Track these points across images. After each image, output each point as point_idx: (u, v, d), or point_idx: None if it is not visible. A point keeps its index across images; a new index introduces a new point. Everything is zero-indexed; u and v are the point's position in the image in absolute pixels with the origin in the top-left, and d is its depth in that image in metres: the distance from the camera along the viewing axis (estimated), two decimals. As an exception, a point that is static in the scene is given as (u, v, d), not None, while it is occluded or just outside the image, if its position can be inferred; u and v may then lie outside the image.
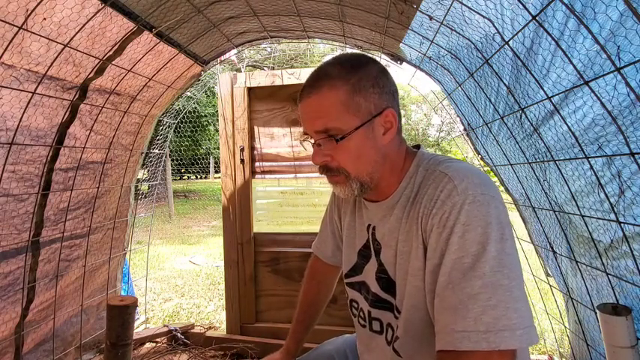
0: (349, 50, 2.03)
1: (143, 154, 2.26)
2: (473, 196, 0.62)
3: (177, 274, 4.27)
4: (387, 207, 0.77)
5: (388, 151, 0.74)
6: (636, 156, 0.87)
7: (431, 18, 1.27)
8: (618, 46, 0.78)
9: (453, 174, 0.67)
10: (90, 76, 1.53)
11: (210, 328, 2.51)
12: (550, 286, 1.72)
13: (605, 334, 1.09)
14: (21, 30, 1.15)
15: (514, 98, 1.25)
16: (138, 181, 2.41)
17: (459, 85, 1.58)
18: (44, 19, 1.18)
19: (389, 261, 0.76)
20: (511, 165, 1.56)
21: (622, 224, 1.01)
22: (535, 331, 0.57)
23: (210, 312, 3.02)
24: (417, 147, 0.82)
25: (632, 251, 1.01)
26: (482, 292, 0.57)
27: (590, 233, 1.19)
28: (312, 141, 0.75)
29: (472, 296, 0.57)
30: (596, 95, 0.90)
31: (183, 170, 15.20)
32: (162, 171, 2.83)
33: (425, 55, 1.60)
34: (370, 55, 0.80)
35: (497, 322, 0.55)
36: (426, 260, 0.67)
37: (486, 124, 1.57)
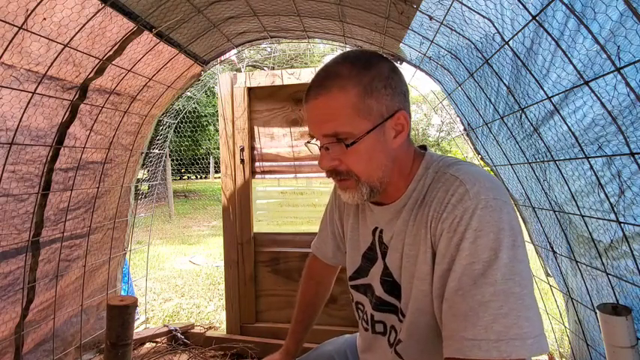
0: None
1: (143, 154, 2.26)
2: (485, 201, 0.61)
3: (177, 274, 4.26)
4: (395, 210, 0.75)
5: (398, 154, 0.72)
6: (636, 156, 0.87)
7: (431, 18, 1.27)
8: (618, 46, 0.78)
9: (465, 177, 0.65)
10: (90, 76, 1.53)
11: (210, 328, 2.51)
12: (550, 286, 1.72)
13: (605, 334, 1.09)
14: (21, 30, 1.15)
15: (514, 98, 1.25)
16: (138, 181, 2.41)
17: (459, 85, 1.58)
18: (44, 19, 1.18)
19: (394, 264, 0.75)
20: (511, 165, 1.56)
21: (622, 224, 1.01)
22: (545, 340, 0.56)
23: (210, 312, 3.02)
24: (423, 147, 0.80)
25: (632, 251, 1.01)
26: (493, 299, 0.56)
27: (590, 233, 1.19)
28: (319, 144, 0.72)
29: (483, 304, 0.56)
30: (596, 95, 0.90)
31: (183, 170, 15.20)
32: (162, 171, 2.83)
33: (425, 55, 1.60)
34: (380, 53, 0.77)
35: (508, 330, 0.54)
36: (434, 265, 0.66)
37: (486, 124, 1.57)
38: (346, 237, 0.93)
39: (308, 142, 0.77)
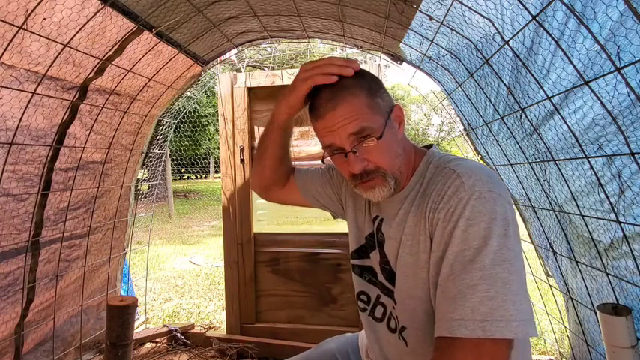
0: (349, 50, 2.03)
1: (143, 154, 2.26)
2: (479, 193, 0.64)
3: (177, 274, 4.26)
4: (397, 201, 0.79)
5: (404, 144, 0.78)
6: (636, 156, 0.87)
7: (431, 18, 1.27)
8: (618, 46, 0.78)
9: (462, 171, 0.69)
10: (90, 76, 1.53)
11: (210, 328, 2.51)
12: (550, 286, 1.72)
13: (605, 334, 1.09)
14: (21, 30, 1.15)
15: (514, 98, 1.25)
16: (138, 181, 2.41)
17: (459, 85, 1.58)
18: (44, 19, 1.18)
19: (391, 253, 0.79)
20: (511, 165, 1.56)
21: (622, 224, 1.01)
22: (533, 325, 0.58)
23: (210, 312, 3.02)
24: (430, 147, 0.84)
25: (632, 251, 1.01)
26: (481, 283, 0.59)
27: (590, 233, 1.19)
28: (346, 149, 0.71)
29: (471, 286, 0.59)
30: (596, 95, 0.90)
31: (183, 170, 15.20)
32: (162, 171, 2.83)
33: (425, 55, 1.60)
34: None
35: (494, 312, 0.57)
36: (430, 253, 0.69)
37: (486, 124, 1.57)
38: (348, 213, 0.94)
39: (326, 157, 0.77)
